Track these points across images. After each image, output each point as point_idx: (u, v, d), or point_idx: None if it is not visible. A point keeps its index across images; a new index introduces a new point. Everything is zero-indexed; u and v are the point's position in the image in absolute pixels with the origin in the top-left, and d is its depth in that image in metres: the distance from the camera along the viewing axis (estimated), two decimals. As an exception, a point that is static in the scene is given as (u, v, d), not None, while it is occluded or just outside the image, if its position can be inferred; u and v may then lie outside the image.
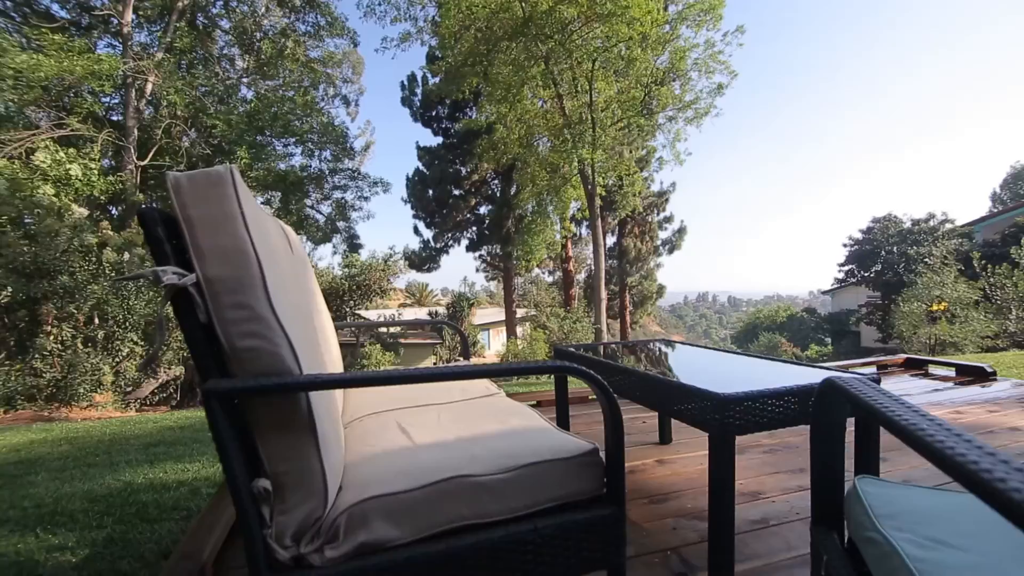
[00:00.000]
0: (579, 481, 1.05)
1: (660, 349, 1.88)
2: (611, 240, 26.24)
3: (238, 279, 0.80)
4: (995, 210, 31.47)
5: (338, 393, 1.58)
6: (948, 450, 0.46)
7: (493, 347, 34.96)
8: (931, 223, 19.25)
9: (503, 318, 30.14)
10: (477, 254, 28.16)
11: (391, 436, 1.19)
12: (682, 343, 1.96)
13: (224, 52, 16.30)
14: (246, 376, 0.80)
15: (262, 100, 14.93)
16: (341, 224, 25.18)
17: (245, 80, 16.35)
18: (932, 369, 3.70)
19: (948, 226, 18.97)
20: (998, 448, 1.41)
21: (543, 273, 37.38)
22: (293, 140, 15.47)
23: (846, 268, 22.31)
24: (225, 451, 0.76)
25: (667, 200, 25.02)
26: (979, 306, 11.81)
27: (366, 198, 20.08)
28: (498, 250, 25.74)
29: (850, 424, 1.21)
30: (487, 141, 17.38)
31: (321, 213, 24.57)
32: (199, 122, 13.48)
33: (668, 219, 25.46)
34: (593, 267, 15.98)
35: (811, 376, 1.40)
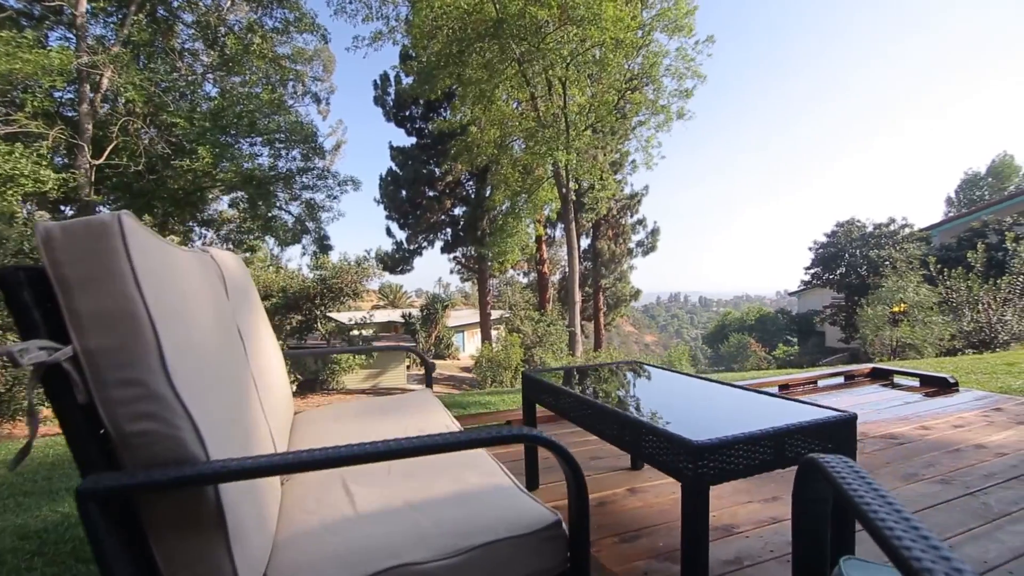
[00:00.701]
0: (539, 558, 0.93)
1: (632, 376, 1.80)
2: (585, 242, 26.37)
3: (126, 350, 0.66)
4: (951, 214, 32.91)
5: (282, 434, 1.44)
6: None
7: (468, 349, 34.73)
8: (892, 227, 19.93)
9: (478, 320, 29.98)
10: (452, 256, 27.94)
11: (333, 499, 1.06)
12: (654, 367, 1.88)
13: (188, 47, 15.70)
14: (138, 466, 0.67)
15: (226, 97, 14.43)
16: (311, 225, 24.64)
17: (210, 76, 15.78)
18: (897, 379, 3.74)
19: (907, 230, 19.67)
20: (965, 467, 1.36)
21: (518, 275, 37.37)
22: (260, 139, 15.00)
23: (812, 271, 22.90)
24: (107, 564, 0.62)
25: (640, 203, 25.29)
26: (938, 309, 12.23)
27: (336, 197, 19.64)
28: (473, 252, 25.57)
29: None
30: (461, 142, 17.22)
31: (290, 213, 24.00)
32: (159, 120, 12.92)
33: (641, 221, 25.73)
34: (567, 269, 15.99)
35: (784, 413, 1.33)
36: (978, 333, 12.16)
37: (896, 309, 13.09)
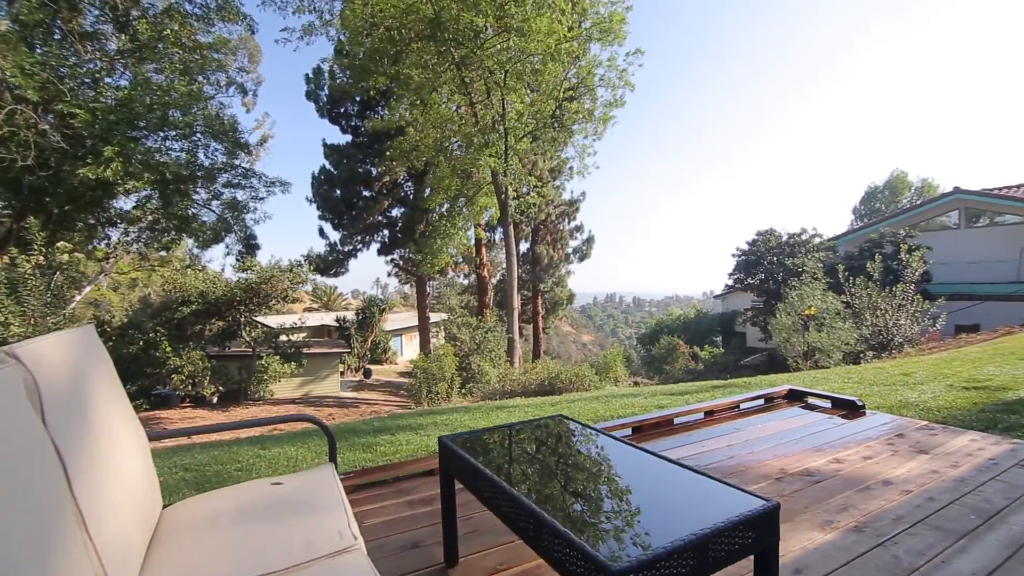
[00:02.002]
0: None
1: (555, 443, 1.72)
2: (525, 246, 26.55)
3: None
4: (856, 224, 36.10)
5: (128, 564, 1.22)
6: None
7: (407, 353, 33.97)
8: (804, 236, 21.53)
9: (417, 323, 29.41)
10: (389, 258, 27.19)
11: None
12: (578, 424, 1.82)
13: (96, 29, 14.20)
14: None
15: (136, 87, 13.20)
16: (235, 224, 23.13)
17: (120, 64, 14.36)
18: (812, 400, 3.95)
19: (817, 240, 21.31)
20: (876, 510, 1.37)
21: (458, 276, 37.03)
22: (174, 134, 13.85)
23: (735, 276, 24.30)
24: None
25: (578, 209, 25.78)
26: (844, 314, 13.30)
27: (261, 199, 18.55)
28: (411, 254, 25.01)
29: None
30: (399, 143, 16.77)
31: (212, 211, 22.42)
32: (55, 109, 11.59)
33: (579, 228, 26.25)
34: (506, 275, 15.99)
35: (710, 500, 1.29)
36: (877, 336, 13.37)
37: (808, 312, 14.11)
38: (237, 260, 24.30)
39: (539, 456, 1.59)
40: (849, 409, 3.63)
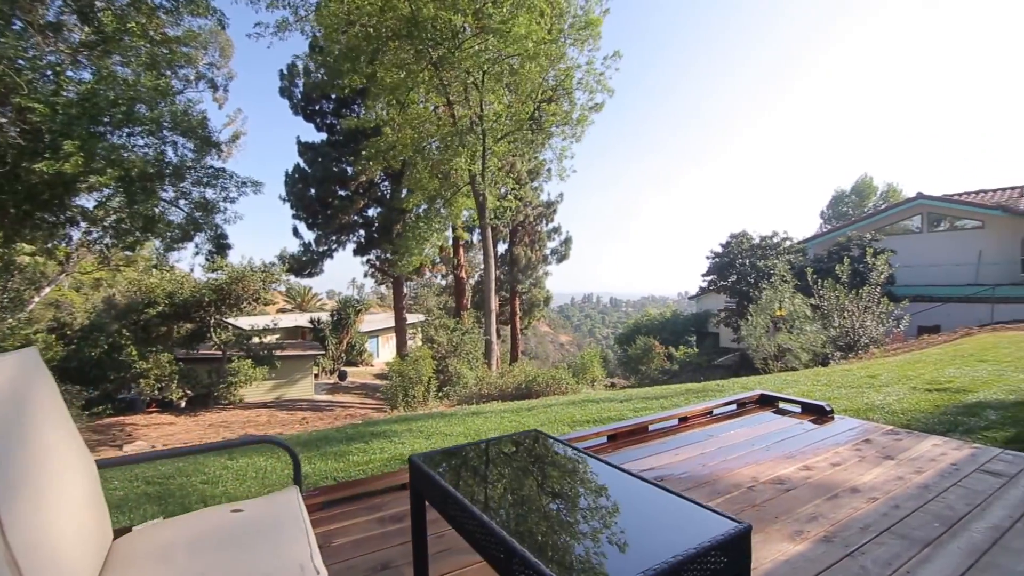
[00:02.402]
0: None
1: (526, 462, 1.69)
2: (503, 247, 26.53)
3: None
4: (825, 228, 37.13)
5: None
6: None
7: (383, 355, 33.57)
8: (775, 239, 22.04)
9: (394, 324, 29.07)
10: (365, 258, 26.83)
11: None
12: (555, 440, 1.80)
13: (58, 19, 13.62)
14: None
15: (100, 81, 12.73)
16: (204, 222, 22.52)
17: (83, 56, 13.81)
18: (782, 405, 4.02)
19: (787, 243, 21.85)
20: (844, 519, 1.37)
21: (436, 277, 36.76)
22: (139, 130, 13.40)
23: (708, 277, 24.73)
24: None
25: (555, 211, 25.88)
26: (812, 316, 13.66)
27: (232, 199, 18.10)
28: (388, 255, 24.71)
29: None
30: (375, 143, 16.54)
31: (181, 209, 21.80)
32: (12, 103, 11.07)
33: (556, 229, 26.35)
34: (484, 276, 15.93)
35: (682, 522, 1.28)
36: (844, 338, 13.77)
37: (778, 313, 14.45)
38: (207, 260, 23.66)
39: (511, 477, 1.56)
40: (818, 414, 3.71)
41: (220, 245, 24.67)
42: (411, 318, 31.90)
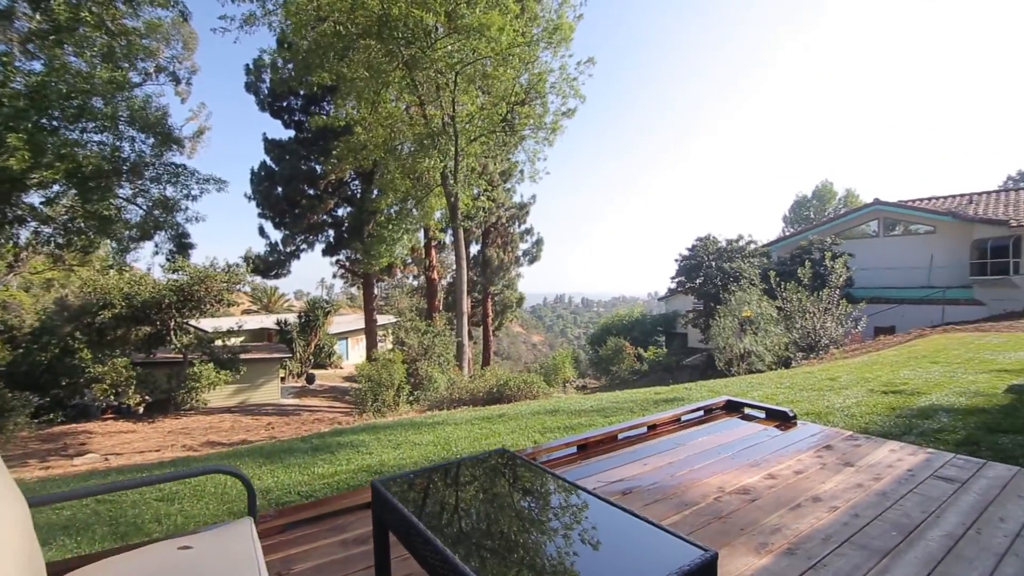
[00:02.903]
0: None
1: (504, 488, 1.65)
2: (475, 249, 26.42)
3: None
4: (788, 232, 38.31)
5: None
6: None
7: (353, 357, 32.99)
8: (740, 243, 22.62)
9: (364, 325, 28.60)
10: (335, 259, 26.32)
11: None
12: (523, 462, 1.76)
13: (10, 7, 12.88)
14: None
15: (51, 73, 12.12)
16: (164, 220, 21.76)
17: (34, 45, 13.11)
18: (748, 411, 4.10)
19: (752, 246, 22.45)
20: (807, 530, 1.38)
21: (407, 278, 36.36)
22: (93, 125, 12.82)
23: (677, 279, 25.20)
24: None
25: (528, 213, 25.92)
26: (775, 319, 14.05)
27: (194, 197, 17.52)
28: (358, 255, 24.28)
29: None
30: (346, 142, 16.23)
31: (139, 207, 20.99)
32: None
33: (529, 231, 26.40)
34: (456, 277, 15.81)
35: (649, 552, 1.26)
36: (805, 339, 14.23)
37: (746, 314, 14.82)
38: (168, 260, 22.82)
39: (476, 504, 1.52)
40: (782, 420, 3.79)
41: (182, 245, 23.81)
42: (382, 319, 31.46)
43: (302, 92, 22.71)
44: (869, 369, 7.44)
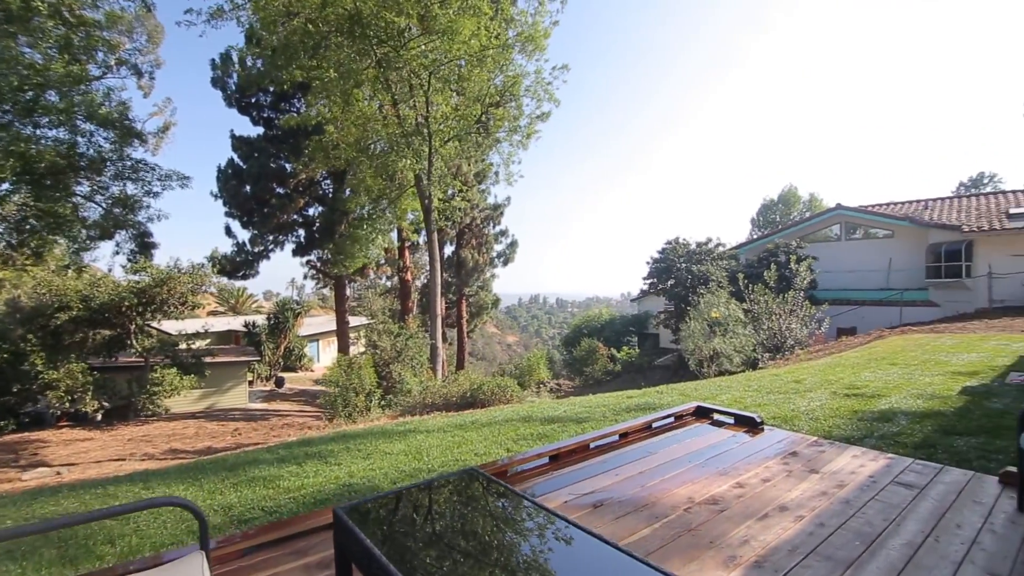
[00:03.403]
0: None
1: (472, 514, 1.61)
2: (449, 250, 26.25)
3: None
4: (755, 235, 39.30)
5: None
6: None
7: (324, 359, 32.36)
8: (709, 246, 23.10)
9: (336, 327, 28.08)
10: (305, 259, 25.74)
11: None
12: (494, 483, 1.73)
13: None
14: None
15: (1, 64, 11.53)
16: (123, 217, 20.98)
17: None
18: (717, 416, 4.16)
19: (721, 248, 22.95)
20: (774, 541, 1.39)
21: (381, 279, 35.86)
22: (47, 120, 12.26)
23: (649, 281, 25.57)
24: None
25: (502, 214, 25.90)
26: (743, 321, 14.38)
27: (155, 194, 16.92)
28: (329, 256, 23.82)
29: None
30: (317, 142, 15.88)
31: (98, 205, 20.20)
32: None
33: (503, 232, 26.37)
34: (430, 279, 15.65)
35: None
36: (772, 340, 14.61)
37: (714, 315, 15.13)
38: (129, 260, 21.99)
39: (443, 534, 1.48)
40: (750, 425, 3.85)
41: (144, 244, 22.98)
42: (355, 321, 30.96)
43: (271, 88, 22.18)
44: (832, 371, 7.67)
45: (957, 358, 7.94)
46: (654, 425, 3.95)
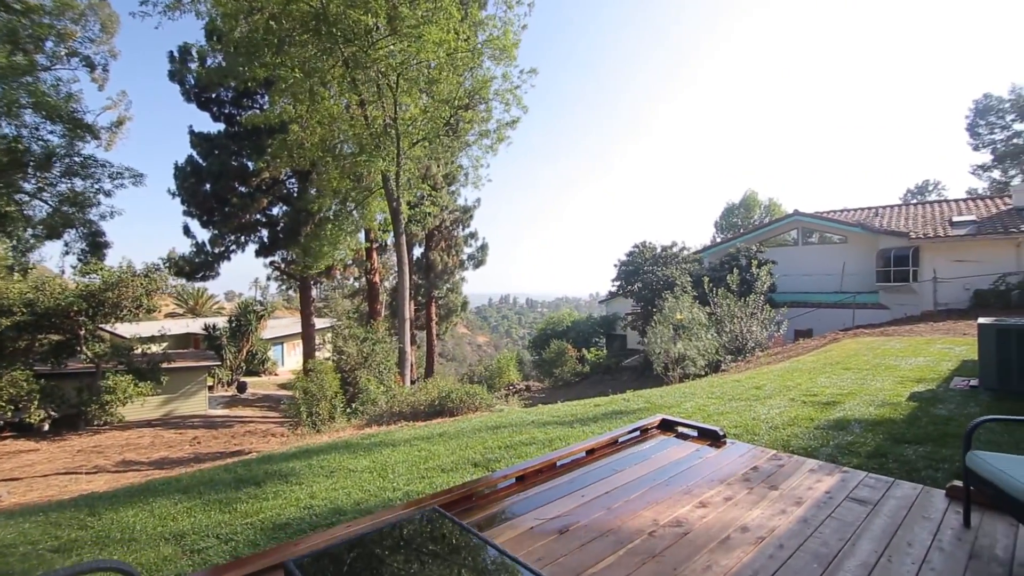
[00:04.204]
0: None
1: (432, 563, 1.57)
2: (418, 251, 25.97)
3: None
4: (718, 238, 40.34)
5: None
6: None
7: (289, 363, 31.53)
8: (674, 249, 23.63)
9: (301, 330, 27.38)
10: (268, 260, 25.00)
11: None
12: (464, 529, 1.69)
13: None
14: None
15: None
16: (73, 216, 20.03)
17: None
18: (681, 430, 4.22)
19: (685, 252, 23.51)
20: (735, 567, 1.40)
21: (348, 279, 35.17)
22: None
23: (616, 283, 25.96)
24: None
25: (472, 216, 25.77)
26: (706, 325, 14.73)
27: (107, 192, 16.16)
28: (294, 257, 23.19)
29: None
30: (281, 140, 15.42)
31: (46, 203, 19.20)
32: None
33: (473, 235, 26.25)
34: (398, 283, 15.42)
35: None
36: (734, 342, 15.03)
37: (678, 317, 15.47)
38: (80, 261, 20.95)
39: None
40: (712, 439, 3.93)
41: (96, 244, 21.93)
42: (321, 323, 30.29)
43: (233, 83, 21.47)
44: (790, 376, 7.92)
45: (905, 362, 8.32)
46: (620, 440, 3.98)
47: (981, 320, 6.26)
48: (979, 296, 16.60)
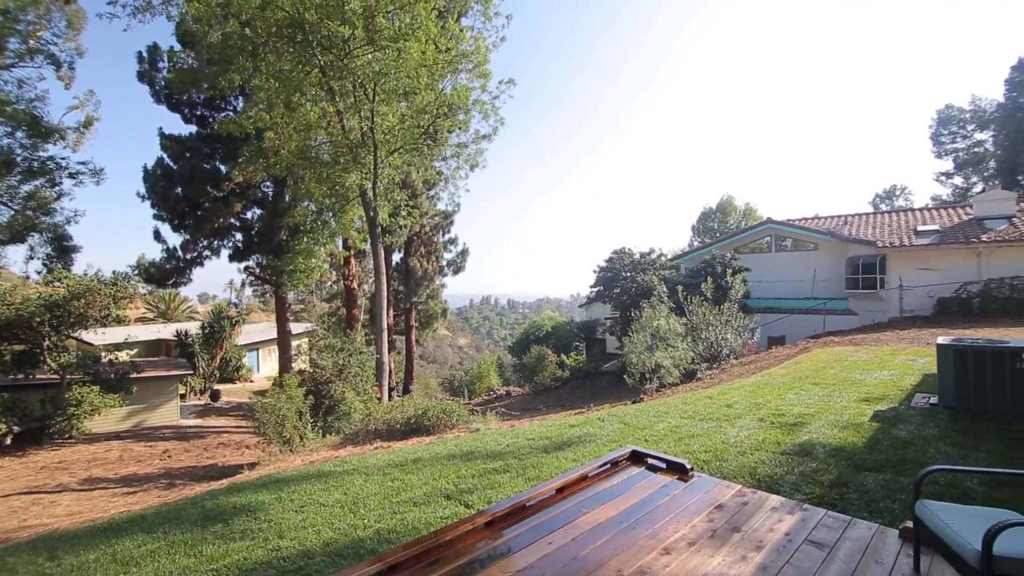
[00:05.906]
0: None
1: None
2: (397, 257, 25.77)
3: None
4: (695, 243, 40.97)
5: None
6: None
7: (264, 369, 30.99)
8: (652, 256, 23.93)
9: (277, 336, 26.92)
10: (243, 265, 24.50)
11: None
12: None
13: None
14: None
15: None
16: (34, 219, 19.44)
17: None
18: (651, 461, 4.29)
19: (663, 259, 23.82)
20: None
21: (326, 283, 34.69)
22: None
23: (595, 288, 26.16)
24: None
25: (452, 222, 25.69)
26: (682, 334, 14.95)
27: (63, 193, 15.69)
28: (269, 261, 22.75)
29: None
30: (255, 147, 15.13)
31: (8, 206, 18.57)
32: None
33: (453, 240, 26.17)
34: (376, 292, 15.28)
35: None
36: (709, 350, 15.30)
37: (656, 324, 15.66)
38: (44, 266, 20.33)
39: None
40: (680, 472, 4.00)
41: (62, 248, 21.28)
42: (298, 327, 29.85)
43: (206, 84, 20.98)
44: (760, 392, 8.11)
45: (871, 376, 8.59)
46: (590, 475, 4.03)
47: (940, 340, 6.49)
48: (942, 304, 17.20)
